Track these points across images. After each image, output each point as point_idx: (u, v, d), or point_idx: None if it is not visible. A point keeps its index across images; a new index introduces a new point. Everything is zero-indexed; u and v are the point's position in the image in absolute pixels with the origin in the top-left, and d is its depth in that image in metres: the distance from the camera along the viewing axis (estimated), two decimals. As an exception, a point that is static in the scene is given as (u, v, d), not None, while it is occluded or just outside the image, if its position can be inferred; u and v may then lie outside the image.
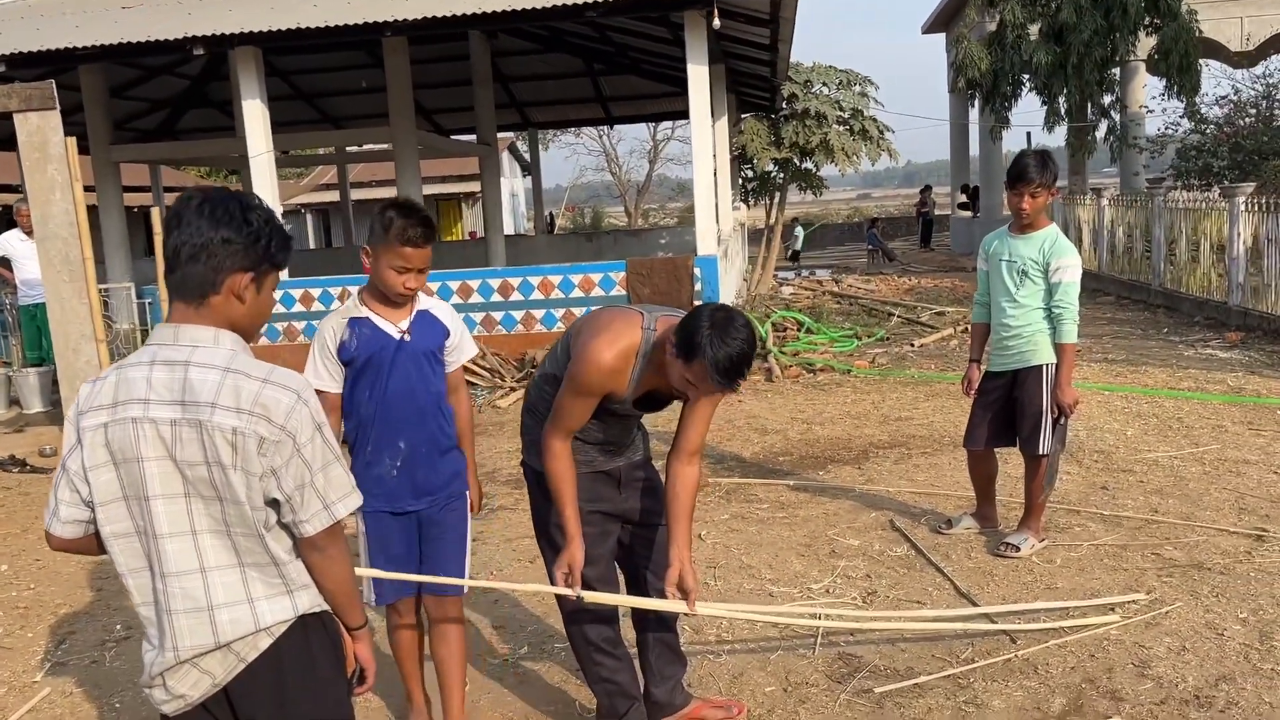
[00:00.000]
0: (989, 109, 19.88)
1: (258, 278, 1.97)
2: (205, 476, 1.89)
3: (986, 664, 3.64)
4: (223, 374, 1.89)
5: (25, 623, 4.54)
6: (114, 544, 1.96)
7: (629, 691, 3.22)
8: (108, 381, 1.94)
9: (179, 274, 1.93)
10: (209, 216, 1.91)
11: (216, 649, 1.94)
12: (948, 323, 12.36)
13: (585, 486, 3.07)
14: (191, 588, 1.92)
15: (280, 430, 1.90)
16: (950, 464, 6.21)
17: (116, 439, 1.91)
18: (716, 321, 2.69)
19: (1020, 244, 4.61)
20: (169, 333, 1.94)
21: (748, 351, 2.71)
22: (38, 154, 7.25)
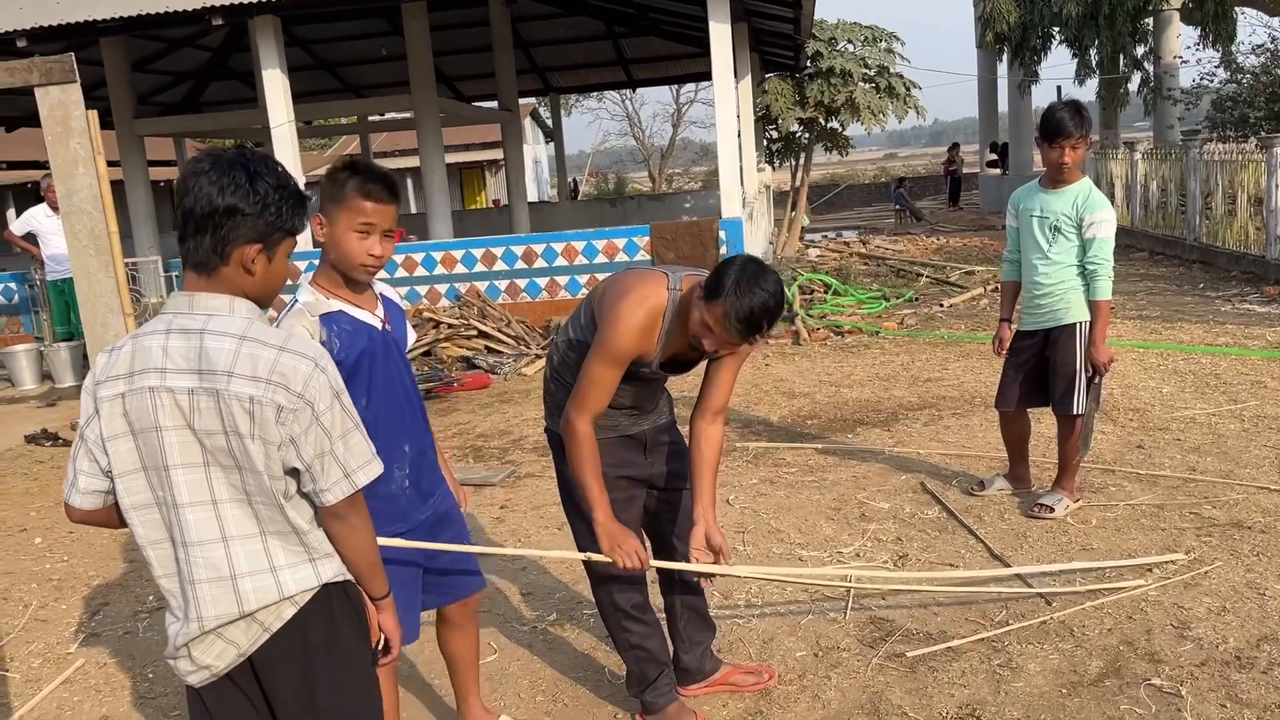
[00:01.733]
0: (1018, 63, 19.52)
1: (267, 248, 1.92)
2: (223, 445, 1.87)
3: (1021, 627, 3.58)
4: (238, 342, 1.86)
5: (59, 595, 4.59)
6: (134, 515, 1.94)
7: (658, 658, 3.19)
8: (124, 351, 1.91)
9: (189, 243, 1.89)
10: (215, 184, 1.86)
11: (240, 618, 1.93)
12: (977, 282, 12.19)
13: (611, 451, 3.03)
14: (214, 557, 1.90)
15: (298, 399, 1.86)
16: (982, 425, 6.12)
17: (134, 408, 1.88)
18: (748, 271, 2.64)
19: (1052, 199, 4.48)
20: (184, 301, 1.91)
21: (772, 306, 2.64)
22: (60, 128, 7.24)
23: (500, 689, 3.49)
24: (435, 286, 10.34)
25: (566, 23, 17.18)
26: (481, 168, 33.44)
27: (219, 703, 2.00)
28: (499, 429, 6.94)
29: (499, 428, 6.97)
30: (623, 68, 19.79)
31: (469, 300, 10.04)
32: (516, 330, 9.67)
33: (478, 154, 31.39)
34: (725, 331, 2.66)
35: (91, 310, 7.57)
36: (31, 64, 7.11)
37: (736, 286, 2.61)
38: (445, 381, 8.29)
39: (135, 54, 14.42)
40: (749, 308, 2.60)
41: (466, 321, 9.64)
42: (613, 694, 3.39)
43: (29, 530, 5.48)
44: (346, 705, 2.03)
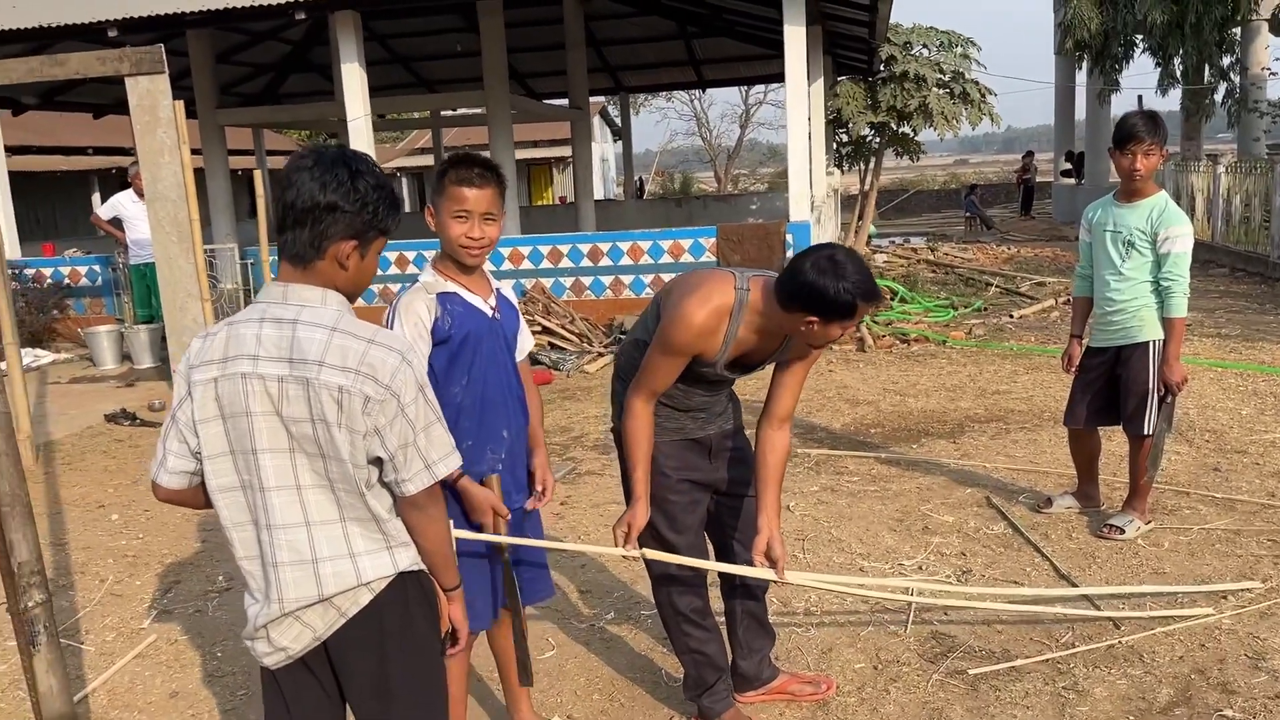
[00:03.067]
0: (1098, 71, 19.09)
1: (362, 245, 1.98)
2: (310, 433, 1.92)
3: (1088, 650, 3.51)
4: (329, 333, 1.91)
5: (134, 571, 4.73)
6: (220, 498, 2.00)
7: (717, 663, 3.19)
8: (218, 337, 1.97)
9: (287, 235, 1.95)
10: (318, 180, 1.92)
11: (319, 602, 1.98)
12: (1048, 294, 11.97)
13: (675, 454, 3.04)
14: (297, 540, 1.96)
15: (385, 390, 1.91)
16: (1050, 440, 6.01)
17: (226, 393, 1.94)
18: (821, 260, 2.61)
19: (1126, 213, 4.38)
20: (278, 291, 1.96)
21: (860, 276, 2.59)
22: (148, 117, 7.45)
23: (557, 685, 3.52)
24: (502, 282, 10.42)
25: (639, 22, 17.22)
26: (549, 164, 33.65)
27: (293, 685, 2.05)
28: (560, 425, 6.98)
29: (560, 424, 7.02)
30: (693, 68, 19.78)
31: (534, 296, 10.12)
32: (580, 328, 9.72)
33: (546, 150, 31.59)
34: (842, 322, 2.64)
35: (171, 294, 7.79)
36: (123, 54, 7.33)
37: (822, 275, 2.58)
38: (509, 376, 8.36)
39: (219, 46, 14.78)
40: (852, 284, 2.57)
41: (531, 317, 9.72)
42: (669, 696, 3.40)
43: (106, 506, 5.65)
44: (416, 692, 2.07)
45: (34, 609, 2.69)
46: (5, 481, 2.66)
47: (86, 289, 11.43)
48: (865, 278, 2.61)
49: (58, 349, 10.80)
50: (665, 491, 3.04)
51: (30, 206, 20.71)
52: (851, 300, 2.59)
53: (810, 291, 2.60)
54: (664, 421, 3.01)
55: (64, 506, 5.72)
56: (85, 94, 16.35)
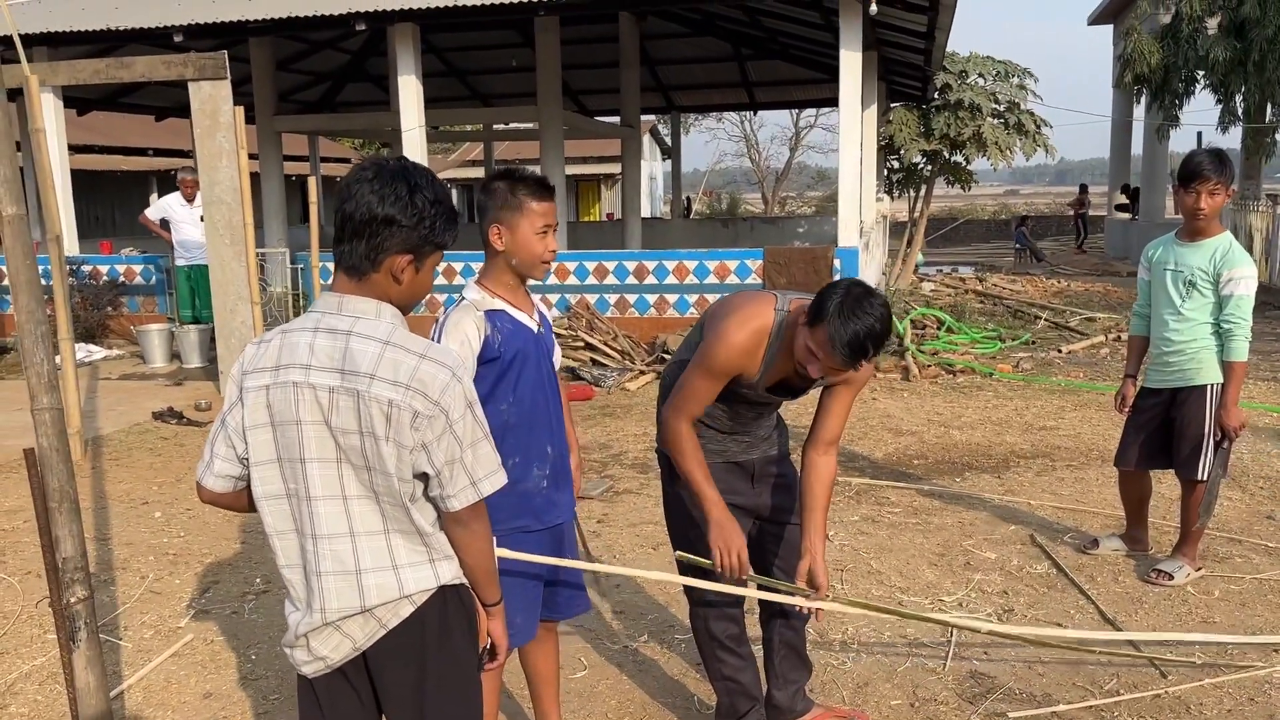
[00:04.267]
0: (1157, 106, 18.81)
1: (417, 259, 1.98)
2: (357, 445, 1.92)
3: (1132, 698, 3.42)
4: (382, 346, 1.91)
5: (174, 569, 4.77)
6: (265, 505, 2.01)
7: (750, 692, 3.16)
8: (272, 344, 1.98)
9: (344, 246, 1.96)
10: (377, 194, 1.92)
11: (361, 613, 1.98)
12: (1098, 329, 11.78)
13: (718, 477, 3.00)
14: (341, 550, 1.96)
15: (434, 406, 1.91)
16: (1098, 479, 5.89)
17: (277, 401, 1.94)
18: (853, 294, 2.62)
19: (1188, 252, 4.29)
20: (334, 301, 1.97)
21: (877, 331, 2.59)
22: (208, 121, 7.60)
23: (588, 706, 3.49)
24: (546, 296, 10.48)
25: (694, 42, 17.28)
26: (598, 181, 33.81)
27: (329, 694, 2.05)
28: (599, 442, 6.97)
29: (599, 440, 7.01)
30: (745, 89, 19.80)
31: (578, 312, 10.14)
32: (623, 345, 9.72)
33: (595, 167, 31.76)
34: (829, 356, 2.63)
35: (223, 296, 7.92)
36: (187, 59, 7.49)
37: (841, 310, 2.58)
38: (550, 391, 8.37)
39: (280, 53, 15.05)
40: (853, 331, 2.57)
41: (574, 333, 9.74)
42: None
43: (150, 504, 5.72)
44: (452, 705, 2.07)
45: (76, 604, 2.72)
46: (55, 477, 2.69)
47: (140, 287, 11.64)
48: (873, 332, 2.58)
49: (110, 345, 11.00)
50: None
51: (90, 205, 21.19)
52: (840, 341, 2.57)
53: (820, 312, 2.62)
54: (707, 444, 2.99)
55: (109, 501, 5.80)
56: (147, 96, 16.73)
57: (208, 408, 7.90)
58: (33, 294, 2.72)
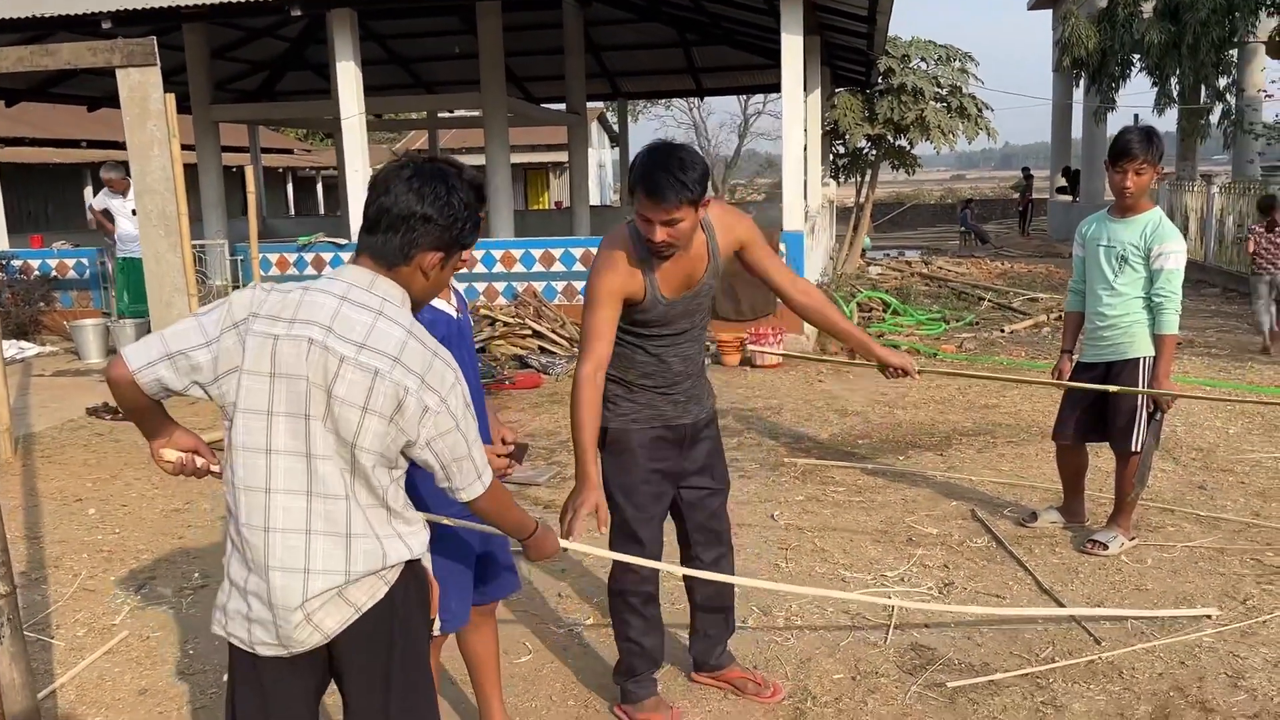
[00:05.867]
0: (1095, 89, 19.13)
1: (447, 258, 2.04)
2: (353, 419, 1.91)
3: (1067, 664, 3.48)
4: (406, 334, 1.95)
5: (108, 566, 4.67)
6: (241, 456, 1.96)
7: (652, 656, 3.24)
8: (290, 297, 1.96)
9: (378, 238, 1.99)
10: (416, 191, 1.97)
11: (344, 585, 1.97)
12: (1040, 309, 11.97)
13: (648, 445, 3.06)
14: (335, 511, 1.96)
15: (442, 403, 1.96)
16: (1037, 454, 5.99)
17: (286, 353, 1.91)
18: (645, 151, 2.78)
19: (1120, 228, 4.36)
20: (365, 277, 1.99)
21: (660, 159, 2.71)
22: (138, 109, 7.41)
23: (533, 690, 3.48)
24: (493, 284, 10.40)
25: (639, 29, 17.21)
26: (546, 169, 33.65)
27: (280, 674, 2.04)
28: (547, 429, 6.94)
29: (547, 428, 6.98)
30: (692, 76, 19.77)
31: (525, 300, 10.08)
32: (571, 332, 9.68)
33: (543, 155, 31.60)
34: (645, 207, 2.73)
35: (158, 289, 7.74)
36: (114, 45, 7.29)
37: (634, 167, 2.76)
38: (497, 379, 8.33)
39: (215, 41, 14.73)
40: (641, 173, 2.71)
41: (522, 320, 9.68)
42: (644, 703, 3.35)
43: (84, 501, 5.59)
44: (413, 683, 2.10)
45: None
46: (-29, 470, 2.62)
47: (74, 282, 11.36)
48: (657, 164, 2.71)
49: (43, 341, 10.73)
50: (637, 481, 3.06)
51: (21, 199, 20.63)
52: (639, 186, 2.71)
53: (633, 166, 2.79)
54: (644, 409, 3.04)
55: (40, 500, 5.65)
56: (78, 86, 16.30)
57: (145, 402, 7.73)
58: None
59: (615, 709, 3.33)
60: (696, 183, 2.71)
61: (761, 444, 6.42)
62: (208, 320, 1.97)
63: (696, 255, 2.96)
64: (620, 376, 3.04)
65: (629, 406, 3.05)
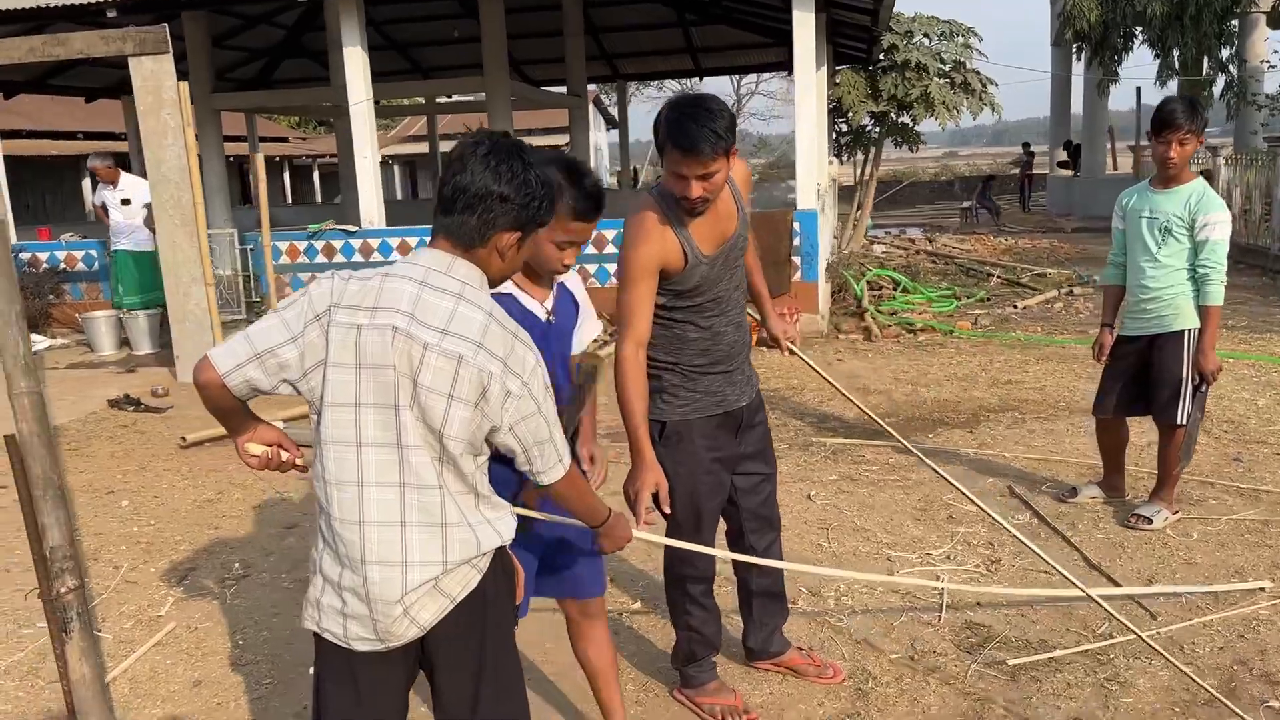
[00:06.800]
0: (1097, 62, 19.05)
1: (524, 237, 1.98)
2: (439, 408, 1.88)
3: (1126, 640, 3.47)
4: (487, 318, 1.91)
5: (148, 558, 4.64)
6: (331, 450, 1.93)
7: (711, 643, 3.23)
8: (369, 285, 1.92)
9: (454, 218, 1.93)
10: (493, 170, 1.91)
11: (437, 577, 1.95)
12: (1050, 284, 11.96)
13: (709, 434, 3.02)
14: (429, 502, 1.93)
15: (524, 387, 1.93)
16: (1067, 430, 5.98)
17: (371, 343, 1.88)
18: (670, 107, 2.72)
19: (1163, 199, 4.33)
20: (444, 260, 1.94)
21: (693, 111, 2.65)
22: (151, 98, 7.35)
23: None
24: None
25: (638, 9, 17.09)
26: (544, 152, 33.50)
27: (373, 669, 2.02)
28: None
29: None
30: (691, 56, 19.65)
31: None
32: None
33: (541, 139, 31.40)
34: (680, 163, 2.67)
35: (175, 279, 7.70)
36: (126, 34, 7.23)
37: (663, 123, 2.68)
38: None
39: (214, 29, 14.60)
40: (671, 126, 2.66)
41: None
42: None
43: (116, 493, 5.55)
44: (505, 668, 2.10)
45: (66, 595, 2.60)
46: (38, 463, 2.57)
47: (83, 274, 11.28)
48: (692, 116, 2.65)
49: (54, 334, 10.66)
50: (699, 473, 3.02)
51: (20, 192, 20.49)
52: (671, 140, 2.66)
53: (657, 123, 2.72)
54: (704, 396, 2.99)
55: (73, 492, 5.62)
56: (77, 78, 16.15)
57: (165, 393, 7.68)
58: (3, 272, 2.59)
59: (675, 693, 3.31)
60: (727, 130, 2.66)
61: (787, 424, 6.40)
62: (290, 315, 1.93)
63: (725, 207, 2.90)
64: (674, 363, 2.97)
65: (688, 396, 2.99)
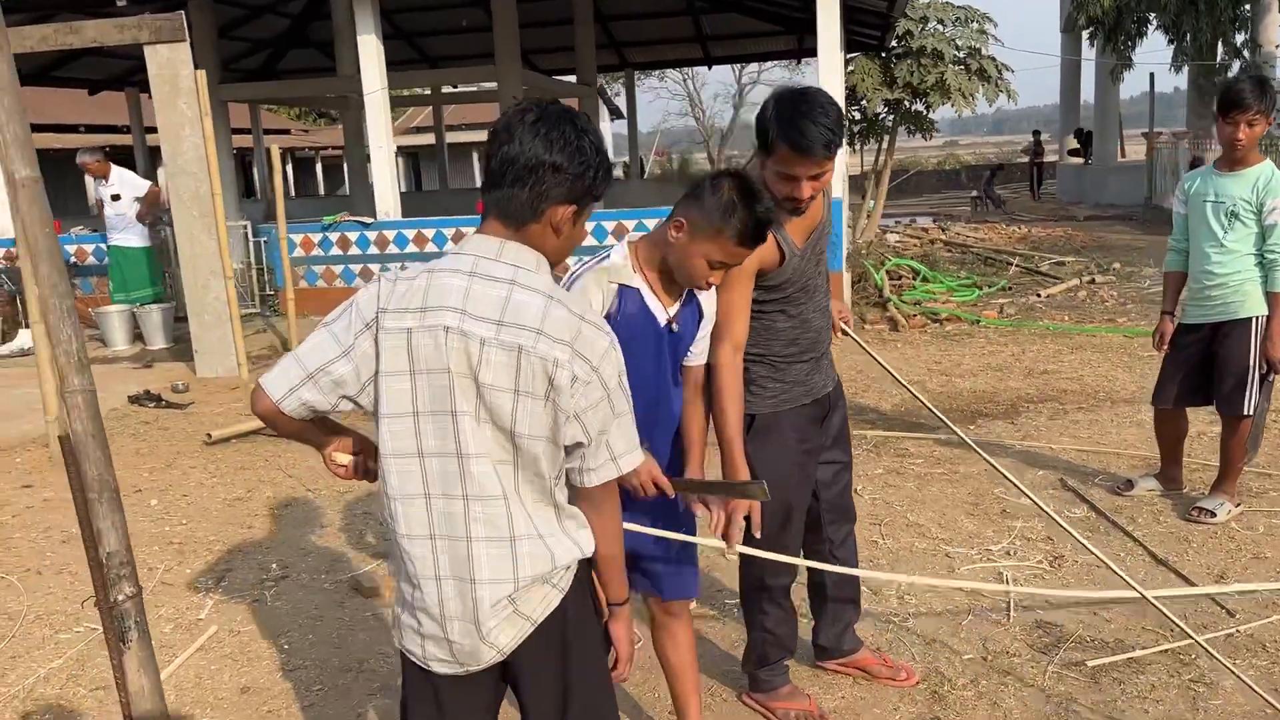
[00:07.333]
0: (1110, 48, 18.88)
1: (580, 210, 1.80)
2: (507, 405, 1.73)
3: (1206, 639, 3.35)
4: (547, 301, 1.74)
5: (182, 559, 4.52)
6: (394, 463, 1.79)
7: (786, 645, 3.12)
8: (416, 284, 1.76)
9: (503, 192, 1.76)
10: (543, 138, 1.74)
11: (515, 593, 1.79)
12: (1070, 273, 11.84)
13: (798, 425, 2.91)
14: (495, 514, 1.77)
15: (593, 372, 1.75)
16: (1111, 420, 5.86)
17: (423, 346, 1.73)
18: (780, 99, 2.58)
19: (1229, 182, 4.20)
20: (493, 245, 1.77)
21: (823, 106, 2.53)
22: (168, 88, 7.20)
23: (651, 679, 3.34)
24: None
25: (648, -3, 16.95)
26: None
27: (456, 692, 1.88)
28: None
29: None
30: (700, 44, 19.48)
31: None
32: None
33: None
34: (790, 163, 2.56)
35: (194, 272, 7.57)
36: (141, 21, 7.08)
37: (781, 117, 2.55)
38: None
39: (219, 19, 14.44)
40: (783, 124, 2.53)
41: (555, 296, 9.50)
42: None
43: (143, 492, 5.43)
44: (594, 691, 1.95)
45: (125, 603, 2.47)
46: (92, 465, 2.44)
47: (94, 268, 11.13)
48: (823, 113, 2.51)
49: (65, 329, 10.51)
50: (790, 466, 2.91)
51: (23, 185, 20.28)
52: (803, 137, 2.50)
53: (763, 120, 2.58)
54: (793, 386, 2.88)
55: (97, 491, 5.50)
56: (80, 69, 16.00)
57: (185, 389, 7.55)
58: (54, 264, 2.44)
59: (744, 697, 3.20)
60: (839, 125, 2.55)
61: (824, 416, 6.28)
62: (338, 328, 1.80)
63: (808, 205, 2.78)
64: (763, 354, 2.85)
65: (777, 387, 2.88)
